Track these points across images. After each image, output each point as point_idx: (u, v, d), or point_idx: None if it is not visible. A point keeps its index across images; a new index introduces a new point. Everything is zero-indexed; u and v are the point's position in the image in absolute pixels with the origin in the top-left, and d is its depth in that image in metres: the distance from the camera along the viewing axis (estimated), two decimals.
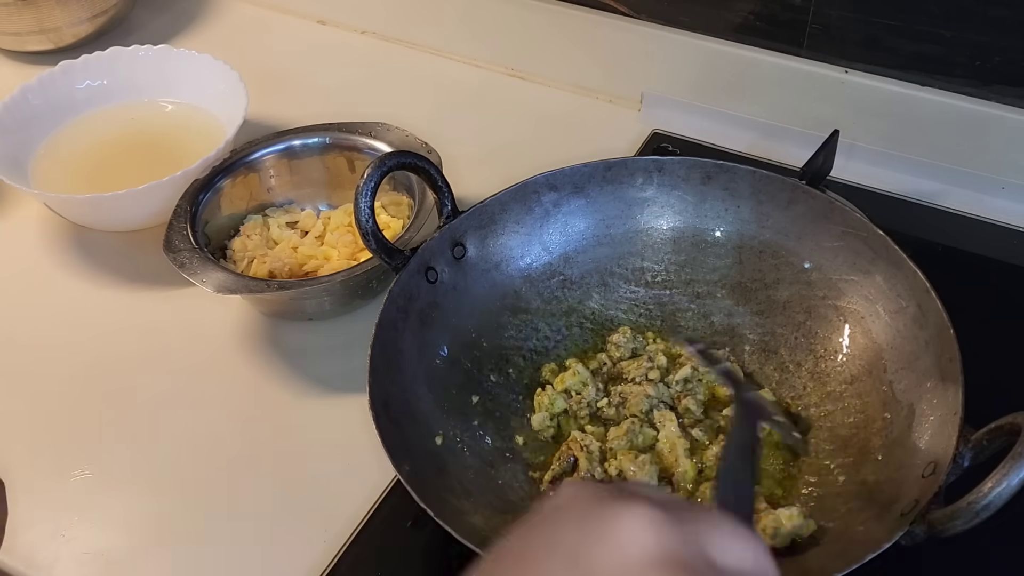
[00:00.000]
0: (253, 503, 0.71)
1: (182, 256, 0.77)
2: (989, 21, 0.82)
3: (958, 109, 0.86)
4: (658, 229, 0.78)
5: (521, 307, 0.76)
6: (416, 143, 0.84)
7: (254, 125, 0.96)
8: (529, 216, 0.77)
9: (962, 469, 0.56)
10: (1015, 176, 0.87)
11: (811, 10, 0.88)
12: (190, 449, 0.74)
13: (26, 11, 1.06)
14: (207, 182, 0.84)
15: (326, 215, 0.88)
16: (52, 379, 0.80)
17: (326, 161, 0.89)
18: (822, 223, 0.73)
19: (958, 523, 0.52)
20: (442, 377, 0.71)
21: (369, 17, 1.13)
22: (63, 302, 0.87)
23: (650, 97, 0.99)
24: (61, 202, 0.88)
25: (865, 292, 0.70)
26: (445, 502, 0.61)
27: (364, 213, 0.68)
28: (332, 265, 0.82)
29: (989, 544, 0.60)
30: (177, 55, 0.98)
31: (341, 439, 0.73)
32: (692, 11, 0.94)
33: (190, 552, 0.69)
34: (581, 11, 0.99)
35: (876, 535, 0.55)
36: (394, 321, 0.69)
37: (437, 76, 1.07)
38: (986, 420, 0.56)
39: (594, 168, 0.77)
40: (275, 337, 0.82)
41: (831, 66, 0.90)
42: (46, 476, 0.74)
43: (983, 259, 0.84)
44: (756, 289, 0.76)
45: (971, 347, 0.61)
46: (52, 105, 0.96)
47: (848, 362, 0.70)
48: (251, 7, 1.19)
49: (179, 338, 0.83)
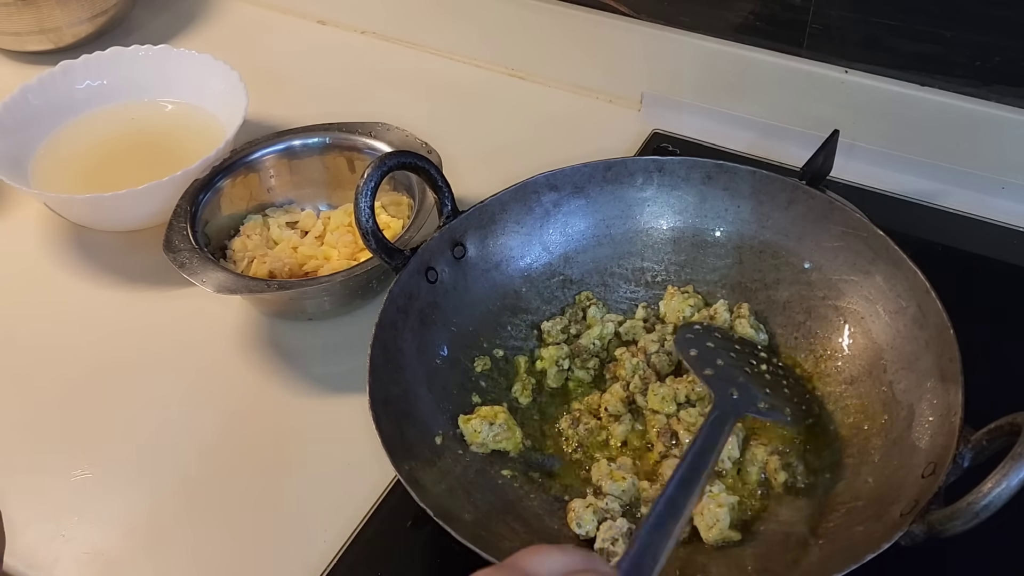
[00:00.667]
0: (253, 503, 0.71)
1: (182, 256, 0.77)
2: (989, 21, 0.82)
3: (958, 109, 0.86)
4: (658, 229, 0.78)
5: (521, 307, 0.76)
6: (416, 143, 0.84)
7: (254, 125, 0.96)
8: (529, 216, 0.77)
9: (962, 469, 0.56)
10: (1015, 176, 0.87)
11: (811, 10, 0.88)
12: (190, 449, 0.74)
13: (26, 11, 1.06)
14: (207, 182, 0.84)
15: (326, 215, 0.88)
16: (52, 379, 0.80)
17: (326, 161, 0.89)
18: (822, 223, 0.73)
19: (958, 523, 0.52)
20: (442, 377, 0.71)
21: (369, 17, 1.13)
22: (63, 302, 0.87)
23: (650, 97, 0.99)
24: (61, 202, 0.88)
25: (865, 292, 0.70)
26: (445, 502, 0.61)
27: (364, 213, 0.68)
28: (332, 265, 0.82)
29: (989, 544, 0.60)
30: (177, 55, 0.98)
31: (341, 439, 0.73)
32: (692, 11, 0.94)
33: (190, 552, 0.69)
34: (581, 11, 0.99)
35: (876, 535, 0.55)
36: (394, 321, 0.69)
37: (437, 76, 1.07)
38: (986, 420, 0.56)
39: (594, 168, 0.77)
40: (275, 337, 0.82)
41: (831, 66, 0.90)
42: (46, 476, 0.74)
43: (983, 259, 0.84)
44: (756, 289, 0.76)
45: (971, 347, 0.61)
46: (52, 105, 0.96)
47: (848, 362, 0.70)
48: (251, 7, 1.19)
49: (179, 338, 0.83)
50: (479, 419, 0.68)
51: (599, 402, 0.72)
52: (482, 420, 0.68)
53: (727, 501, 0.63)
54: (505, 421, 0.69)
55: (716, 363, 0.67)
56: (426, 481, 0.62)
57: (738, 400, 0.64)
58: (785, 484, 0.65)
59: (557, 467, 0.69)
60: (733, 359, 0.68)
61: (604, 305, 0.77)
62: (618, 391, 0.71)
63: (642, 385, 0.71)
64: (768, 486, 0.66)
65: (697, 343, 0.70)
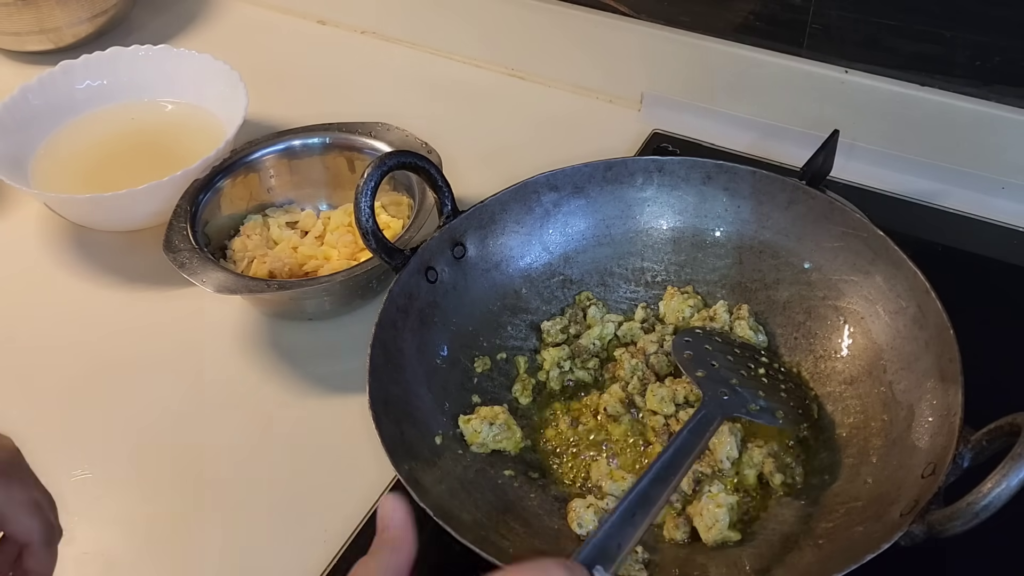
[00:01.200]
0: (253, 503, 0.71)
1: (182, 256, 0.77)
2: (989, 21, 0.82)
3: (958, 109, 0.86)
4: (658, 229, 0.78)
5: (521, 307, 0.76)
6: (416, 143, 0.84)
7: (254, 125, 0.96)
8: (529, 216, 0.77)
9: (962, 470, 0.56)
10: (1015, 176, 0.87)
11: (811, 10, 0.88)
12: (190, 449, 0.74)
13: (26, 11, 1.06)
14: (207, 182, 0.84)
15: (326, 215, 0.88)
16: (52, 379, 0.80)
17: (326, 161, 0.89)
18: (822, 223, 0.73)
19: (957, 524, 0.52)
20: (442, 377, 0.71)
21: (369, 17, 1.13)
22: (63, 302, 0.87)
23: (650, 97, 0.99)
24: (61, 202, 0.88)
25: (865, 292, 0.70)
26: (445, 502, 0.61)
27: (364, 213, 0.68)
28: (332, 265, 0.82)
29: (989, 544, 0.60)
30: (177, 55, 0.98)
31: (341, 439, 0.73)
32: (692, 11, 0.94)
33: (190, 552, 0.69)
34: (581, 11, 0.99)
35: (875, 535, 0.55)
36: (394, 321, 0.69)
37: (437, 76, 1.07)
38: (986, 420, 0.56)
39: (594, 168, 0.77)
40: (275, 337, 0.82)
41: (831, 66, 0.90)
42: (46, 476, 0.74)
43: (983, 259, 0.84)
44: (756, 289, 0.76)
45: (971, 347, 0.61)
46: (52, 105, 0.96)
47: (848, 363, 0.70)
48: (251, 7, 1.19)
49: (179, 338, 0.83)
50: (479, 419, 0.68)
51: (598, 402, 0.72)
52: (482, 420, 0.68)
53: (726, 501, 0.63)
54: (505, 421, 0.69)
55: (711, 365, 0.68)
56: (426, 481, 0.62)
57: (728, 401, 0.64)
58: (783, 485, 0.65)
59: (557, 467, 0.69)
60: (730, 362, 0.69)
61: (604, 305, 0.77)
62: (617, 391, 0.71)
63: (641, 386, 0.71)
64: (766, 487, 0.66)
65: (694, 346, 0.70)
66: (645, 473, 0.56)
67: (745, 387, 0.66)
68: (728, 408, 0.64)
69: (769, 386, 0.68)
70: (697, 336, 0.71)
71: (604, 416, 0.71)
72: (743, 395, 0.65)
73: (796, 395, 0.68)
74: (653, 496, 0.54)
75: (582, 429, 0.70)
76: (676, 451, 0.58)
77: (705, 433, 0.61)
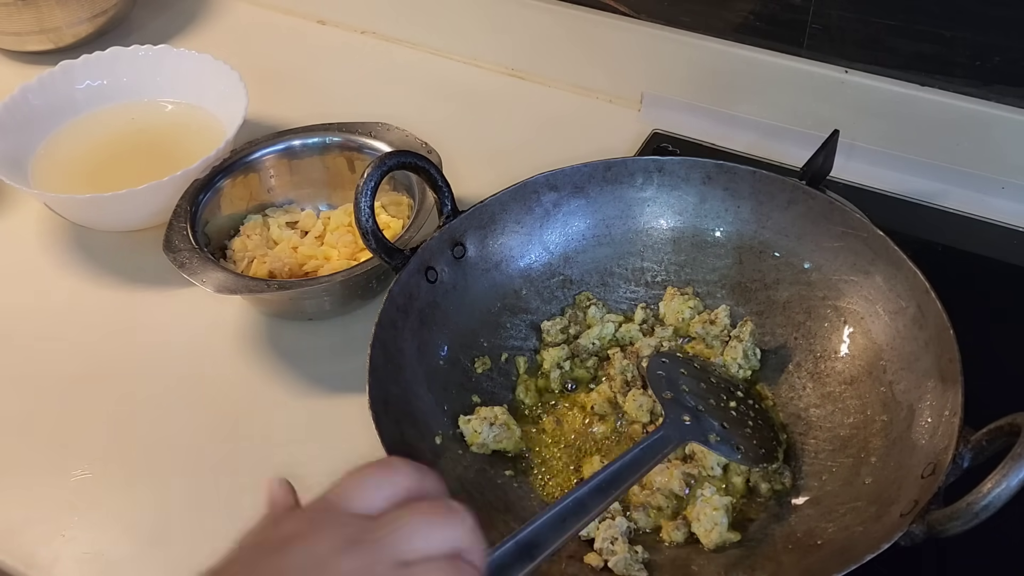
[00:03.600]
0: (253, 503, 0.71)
1: (182, 256, 0.77)
2: (989, 21, 0.82)
3: (958, 109, 0.86)
4: (658, 229, 0.78)
5: (521, 307, 0.77)
6: (416, 143, 0.84)
7: (254, 125, 0.96)
8: (529, 216, 0.77)
9: (962, 470, 0.56)
10: (1015, 176, 0.87)
11: (811, 10, 0.88)
12: (190, 449, 0.74)
13: (26, 11, 1.06)
14: (207, 182, 0.84)
15: (326, 215, 0.88)
16: (52, 379, 0.80)
17: (326, 161, 0.89)
18: (822, 223, 0.73)
19: (957, 524, 0.52)
20: (442, 377, 0.71)
21: (369, 17, 1.13)
22: (63, 302, 0.87)
23: (650, 97, 0.99)
24: (61, 202, 0.88)
25: (865, 293, 0.70)
26: None
27: (364, 213, 0.68)
28: (332, 265, 0.82)
29: (989, 544, 0.60)
30: (177, 55, 0.98)
31: (341, 439, 0.73)
32: (692, 11, 0.94)
33: (190, 552, 0.68)
34: (581, 11, 0.99)
35: (875, 535, 0.55)
36: (394, 321, 0.69)
37: (437, 76, 1.07)
38: (986, 420, 0.56)
39: (594, 168, 0.77)
40: (275, 337, 0.82)
41: (831, 66, 0.90)
42: (46, 476, 0.74)
43: (983, 259, 0.84)
44: (756, 289, 0.76)
45: (971, 347, 0.61)
46: (52, 105, 0.96)
47: (848, 363, 0.70)
48: (251, 7, 1.19)
49: (179, 338, 0.83)
50: (479, 419, 0.68)
51: (585, 400, 0.72)
52: (482, 420, 0.68)
53: (721, 503, 0.63)
54: (505, 421, 0.69)
55: (680, 389, 0.67)
56: None
57: (689, 427, 0.64)
58: (771, 491, 0.65)
59: (557, 467, 0.69)
60: (702, 389, 0.68)
61: (604, 305, 0.77)
62: (605, 390, 0.72)
63: (623, 388, 0.71)
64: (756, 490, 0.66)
65: (669, 368, 0.69)
66: (587, 481, 0.55)
67: (711, 416, 0.65)
68: (687, 433, 0.63)
69: (736, 420, 0.67)
70: (675, 360, 0.71)
71: (590, 414, 0.71)
72: (705, 424, 0.65)
73: (761, 434, 0.67)
74: (589, 506, 0.54)
75: (579, 428, 0.71)
76: (623, 466, 0.58)
77: (658, 454, 0.60)
